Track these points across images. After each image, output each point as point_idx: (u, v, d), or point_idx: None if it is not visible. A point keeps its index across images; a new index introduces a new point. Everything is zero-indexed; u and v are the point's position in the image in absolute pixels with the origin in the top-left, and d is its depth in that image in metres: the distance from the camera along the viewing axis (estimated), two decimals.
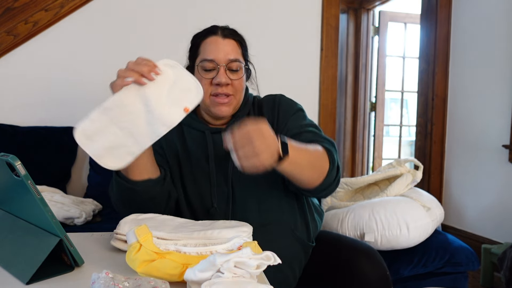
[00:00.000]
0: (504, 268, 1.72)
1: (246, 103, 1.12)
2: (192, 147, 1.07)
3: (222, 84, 1.01)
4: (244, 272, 0.54)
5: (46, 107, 2.08)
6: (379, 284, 0.98)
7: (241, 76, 1.05)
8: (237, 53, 1.05)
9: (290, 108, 1.10)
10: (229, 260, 0.54)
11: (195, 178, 1.05)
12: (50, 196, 1.56)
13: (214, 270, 0.54)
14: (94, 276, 0.53)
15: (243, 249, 0.56)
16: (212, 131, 1.07)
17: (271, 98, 1.13)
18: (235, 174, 1.03)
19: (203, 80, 1.04)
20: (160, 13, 2.23)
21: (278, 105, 1.10)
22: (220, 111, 1.04)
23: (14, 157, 0.60)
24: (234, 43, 1.06)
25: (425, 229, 1.55)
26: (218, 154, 1.05)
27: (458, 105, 2.76)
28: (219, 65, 1.02)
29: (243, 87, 1.08)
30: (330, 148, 0.97)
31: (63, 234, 0.64)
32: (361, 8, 3.74)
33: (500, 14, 2.44)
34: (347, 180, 1.83)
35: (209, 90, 1.03)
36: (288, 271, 1.00)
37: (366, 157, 3.85)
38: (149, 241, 0.62)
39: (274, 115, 1.09)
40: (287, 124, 1.06)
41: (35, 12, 2.00)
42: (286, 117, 1.08)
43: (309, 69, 2.50)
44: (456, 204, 2.77)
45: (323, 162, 0.94)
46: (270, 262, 0.56)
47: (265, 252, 0.56)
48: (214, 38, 1.05)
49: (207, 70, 1.04)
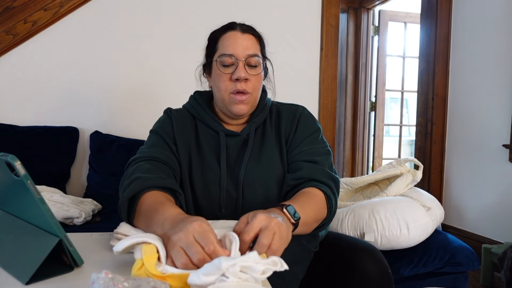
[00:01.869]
0: (504, 268, 1.71)
1: (263, 108, 1.10)
2: (205, 145, 1.05)
3: (241, 79, 0.99)
4: (249, 277, 0.53)
5: (45, 107, 2.08)
6: (381, 281, 0.98)
7: (260, 72, 1.03)
8: (256, 48, 1.03)
9: (309, 128, 1.08)
10: (235, 264, 0.52)
11: (204, 179, 1.03)
12: (49, 196, 1.56)
13: (219, 274, 0.53)
14: (93, 276, 0.53)
15: (249, 253, 0.54)
16: (226, 133, 1.05)
17: (292, 110, 1.10)
18: (246, 180, 1.01)
19: (222, 76, 1.02)
20: (160, 13, 2.22)
21: (298, 120, 1.08)
22: (238, 109, 1.02)
23: (13, 157, 0.60)
24: (253, 38, 1.04)
25: (425, 229, 1.55)
26: (230, 157, 1.03)
27: (458, 104, 2.76)
28: (238, 60, 1.00)
29: (261, 85, 1.06)
30: (329, 194, 0.96)
31: (62, 234, 0.63)
32: (361, 7, 3.74)
33: (500, 14, 2.44)
34: (347, 180, 1.83)
35: (229, 87, 1.01)
36: (291, 276, 0.99)
37: (366, 156, 3.85)
38: (151, 263, 0.60)
39: (292, 129, 1.07)
40: (300, 144, 1.04)
41: (34, 11, 2.00)
42: (302, 136, 1.06)
43: (309, 69, 2.50)
44: (456, 204, 2.77)
45: (322, 213, 0.94)
46: (276, 268, 0.54)
47: (272, 257, 0.54)
48: (232, 33, 1.03)
49: (225, 65, 1.01)
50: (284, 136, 1.07)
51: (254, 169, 1.02)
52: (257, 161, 1.03)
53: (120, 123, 2.19)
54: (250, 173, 1.01)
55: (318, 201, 0.93)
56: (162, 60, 2.23)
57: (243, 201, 1.01)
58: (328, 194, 0.95)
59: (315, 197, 0.93)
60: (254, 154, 1.04)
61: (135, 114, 2.21)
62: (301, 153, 1.03)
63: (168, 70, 2.24)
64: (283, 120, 1.08)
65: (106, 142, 2.05)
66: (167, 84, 2.24)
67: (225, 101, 1.03)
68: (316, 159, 1.02)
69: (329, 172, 1.01)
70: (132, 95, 2.20)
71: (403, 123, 4.00)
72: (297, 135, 1.06)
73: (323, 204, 0.94)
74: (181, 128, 1.06)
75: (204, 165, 1.03)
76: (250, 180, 1.01)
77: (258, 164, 1.02)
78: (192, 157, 1.04)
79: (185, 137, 1.05)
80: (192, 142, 1.06)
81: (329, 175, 1.00)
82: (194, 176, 1.03)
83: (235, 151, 1.05)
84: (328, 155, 1.06)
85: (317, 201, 0.92)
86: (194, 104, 1.10)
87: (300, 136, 1.06)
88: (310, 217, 0.87)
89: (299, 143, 1.05)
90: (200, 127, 1.07)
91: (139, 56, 2.20)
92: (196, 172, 1.03)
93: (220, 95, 1.04)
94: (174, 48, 2.25)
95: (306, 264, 1.06)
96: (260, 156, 1.03)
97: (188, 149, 1.05)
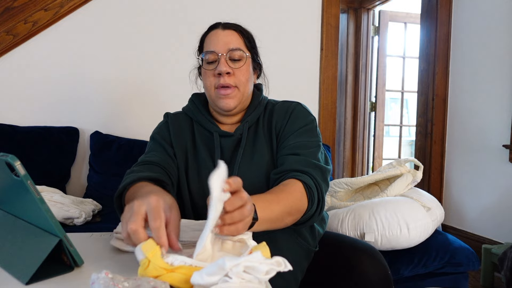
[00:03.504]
0: (504, 268, 1.71)
1: (258, 106, 1.10)
2: (201, 146, 1.07)
3: (222, 72, 1.01)
4: (252, 277, 0.52)
5: (45, 107, 2.08)
6: (381, 283, 0.97)
7: (243, 65, 1.04)
8: (238, 42, 1.04)
9: (299, 121, 1.05)
10: (239, 264, 0.51)
11: (200, 179, 1.04)
12: (49, 196, 1.56)
13: (222, 274, 0.52)
14: (93, 276, 0.53)
15: (254, 253, 0.53)
16: (220, 134, 1.07)
17: (285, 107, 1.09)
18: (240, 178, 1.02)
19: (207, 73, 1.04)
20: (161, 13, 2.22)
21: (289, 115, 1.06)
22: (224, 103, 1.03)
23: (13, 157, 0.60)
24: (235, 33, 1.05)
25: (425, 229, 1.54)
26: (224, 158, 1.05)
27: (458, 105, 2.76)
28: (219, 55, 1.02)
29: (247, 79, 1.06)
30: (310, 185, 0.91)
31: (62, 234, 0.63)
32: (361, 7, 3.74)
33: (500, 14, 2.44)
34: (347, 180, 1.83)
35: (213, 83, 1.03)
36: (290, 276, 0.99)
37: (366, 157, 3.85)
38: (157, 256, 0.59)
39: (283, 125, 1.06)
40: (288, 139, 1.03)
41: (35, 11, 2.00)
42: (291, 130, 1.04)
43: (309, 69, 2.50)
44: (456, 204, 2.77)
45: (299, 205, 0.88)
46: (280, 268, 0.53)
47: (276, 258, 0.54)
48: (214, 31, 1.06)
49: (209, 62, 1.04)
50: (275, 132, 1.06)
51: (247, 169, 1.02)
52: (250, 161, 1.03)
53: (120, 123, 2.19)
54: (243, 173, 1.02)
55: (292, 192, 0.88)
56: (163, 61, 2.23)
57: None
58: (307, 183, 0.91)
59: (289, 188, 0.88)
60: (247, 154, 1.05)
61: (135, 115, 2.21)
62: (287, 147, 1.02)
63: (169, 71, 2.24)
64: (275, 117, 1.08)
65: (106, 142, 2.06)
66: (167, 84, 2.24)
67: (212, 97, 1.05)
68: (298, 151, 0.99)
69: (311, 161, 0.97)
70: (133, 95, 2.20)
71: (403, 123, 4.00)
72: (286, 130, 1.05)
73: (299, 195, 0.89)
74: (178, 131, 1.09)
75: (199, 165, 1.06)
76: (243, 179, 1.01)
77: (251, 163, 1.03)
78: (188, 158, 1.07)
79: (182, 139, 1.08)
80: (189, 143, 1.08)
81: (312, 163, 0.96)
82: (190, 177, 1.05)
83: (229, 151, 1.06)
84: (315, 148, 1.02)
85: (292, 193, 0.87)
86: (191, 106, 1.13)
87: (289, 131, 1.05)
88: (277, 213, 0.81)
89: (287, 138, 1.04)
90: (196, 129, 1.10)
91: (140, 57, 2.20)
92: (192, 172, 1.05)
93: (208, 92, 1.07)
94: (174, 48, 2.25)
95: (305, 265, 1.06)
96: (253, 155, 1.04)
97: (184, 150, 1.07)
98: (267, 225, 0.80)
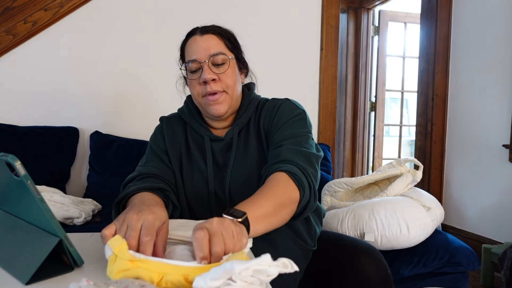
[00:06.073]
0: (504, 268, 1.71)
1: (248, 106, 1.09)
2: (194, 149, 1.08)
3: (208, 80, 0.99)
4: (255, 279, 0.51)
5: (45, 107, 2.08)
6: (380, 282, 0.97)
7: (227, 69, 1.02)
8: (219, 46, 1.02)
9: (285, 116, 1.03)
10: (249, 268, 0.50)
11: (194, 183, 1.05)
12: (49, 196, 1.56)
13: (226, 278, 0.51)
14: (72, 286, 0.49)
15: (263, 256, 0.52)
16: (211, 138, 1.07)
17: (272, 105, 1.08)
18: (232, 183, 1.02)
19: (192, 82, 1.03)
20: (161, 14, 2.22)
21: (276, 111, 1.05)
22: (214, 109, 1.02)
23: (13, 157, 0.60)
24: (214, 37, 1.03)
25: (425, 229, 1.54)
26: (217, 161, 1.05)
27: (458, 104, 2.76)
28: (202, 63, 1.00)
29: (235, 81, 1.04)
30: (295, 171, 0.88)
31: (62, 234, 0.63)
32: (361, 7, 3.74)
33: (500, 14, 2.44)
34: (347, 180, 1.83)
35: (200, 91, 1.02)
36: (289, 276, 0.99)
37: (366, 157, 3.85)
38: (124, 250, 0.60)
39: (270, 123, 1.04)
40: (274, 136, 1.01)
41: (35, 11, 2.00)
42: (277, 127, 1.03)
43: (309, 69, 2.50)
44: (456, 204, 2.77)
45: (290, 195, 0.86)
46: (287, 270, 0.52)
47: (282, 259, 0.53)
48: (192, 38, 1.04)
49: (193, 71, 1.03)
50: (264, 132, 1.05)
51: (239, 172, 1.03)
52: (242, 164, 1.03)
53: (120, 123, 2.19)
54: (236, 176, 1.02)
55: (277, 184, 0.86)
56: (163, 61, 2.23)
57: (231, 203, 1.02)
58: (291, 171, 0.88)
59: (273, 181, 0.87)
60: (239, 157, 1.04)
61: (135, 114, 2.21)
62: (273, 144, 1.00)
63: (169, 71, 2.24)
64: (263, 115, 1.07)
65: (106, 142, 2.06)
66: (167, 84, 2.24)
67: (202, 105, 1.05)
68: (281, 143, 0.97)
69: (293, 147, 0.94)
70: (133, 95, 2.20)
71: (403, 123, 4.00)
72: (273, 127, 1.03)
73: (286, 184, 0.87)
74: (172, 135, 1.10)
75: (193, 169, 1.06)
76: (236, 183, 1.02)
77: (243, 167, 1.03)
78: (183, 162, 1.07)
79: (176, 143, 1.09)
80: (183, 147, 1.09)
81: (293, 150, 0.94)
82: (185, 180, 1.06)
83: (221, 155, 1.06)
84: (301, 137, 0.99)
85: (276, 185, 0.86)
86: (185, 109, 1.14)
87: (276, 127, 1.03)
88: (267, 207, 0.79)
89: (273, 134, 1.02)
90: (189, 132, 1.10)
91: (140, 57, 2.20)
92: (186, 176, 1.06)
93: (196, 101, 1.06)
94: (174, 49, 2.24)
95: (303, 264, 1.06)
96: (245, 159, 1.04)
97: (179, 155, 1.08)
98: (264, 224, 0.78)
